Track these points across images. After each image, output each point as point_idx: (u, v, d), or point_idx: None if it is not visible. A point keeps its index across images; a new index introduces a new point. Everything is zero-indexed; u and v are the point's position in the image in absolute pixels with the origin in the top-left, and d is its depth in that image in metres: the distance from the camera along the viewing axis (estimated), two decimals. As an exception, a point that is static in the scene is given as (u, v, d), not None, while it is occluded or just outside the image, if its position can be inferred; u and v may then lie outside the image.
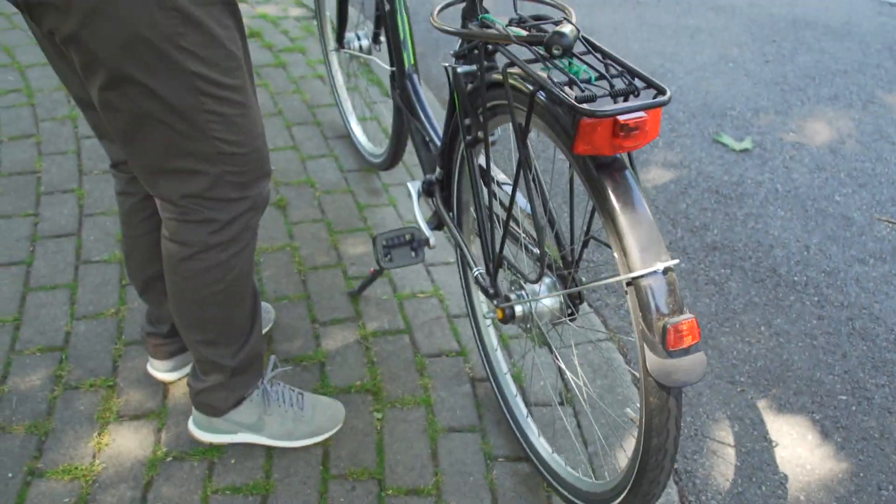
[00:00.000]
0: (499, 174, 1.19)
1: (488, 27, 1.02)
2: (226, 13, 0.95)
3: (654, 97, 0.81)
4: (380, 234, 1.43)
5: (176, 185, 1.05)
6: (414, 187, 1.44)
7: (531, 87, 0.89)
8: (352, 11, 2.81)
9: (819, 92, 2.90)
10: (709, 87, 2.90)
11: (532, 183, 0.91)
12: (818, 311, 1.87)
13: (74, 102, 1.00)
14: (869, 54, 3.21)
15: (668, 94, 0.80)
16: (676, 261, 0.80)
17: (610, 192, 0.81)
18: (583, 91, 0.82)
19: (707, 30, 3.41)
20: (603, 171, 0.82)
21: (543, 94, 0.89)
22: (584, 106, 0.78)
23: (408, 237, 1.40)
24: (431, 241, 1.39)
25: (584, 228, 0.93)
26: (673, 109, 2.74)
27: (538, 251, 0.95)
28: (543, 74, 0.88)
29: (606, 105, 0.81)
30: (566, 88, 0.84)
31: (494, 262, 1.12)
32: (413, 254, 1.40)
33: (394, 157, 1.98)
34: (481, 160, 1.15)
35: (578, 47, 0.91)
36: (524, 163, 0.89)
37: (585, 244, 0.94)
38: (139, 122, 0.97)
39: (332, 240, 1.92)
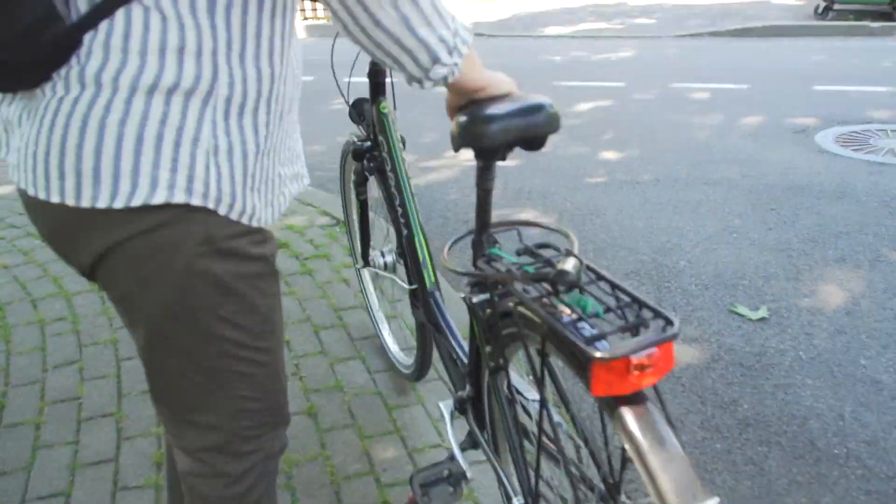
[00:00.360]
0: (531, 393, 1.19)
1: (495, 261, 1.10)
2: (269, 281, 0.99)
3: (663, 328, 0.83)
4: (416, 472, 1.41)
5: (195, 437, 1.07)
6: (447, 408, 1.43)
7: (544, 319, 0.91)
8: (383, 224, 2.98)
9: (825, 254, 2.99)
10: (717, 259, 3.00)
11: (560, 405, 0.91)
12: (865, 485, 1.81)
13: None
14: (867, 213, 3.34)
15: (677, 324, 0.82)
16: (717, 499, 0.78)
17: (634, 430, 0.80)
18: (592, 328, 0.86)
19: (707, 203, 3.58)
20: (624, 407, 0.81)
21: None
22: (596, 350, 0.80)
23: (445, 473, 1.38)
24: (469, 475, 1.37)
25: (621, 452, 0.91)
26: (685, 283, 2.82)
27: (577, 478, 0.93)
28: (555, 305, 0.93)
29: (617, 338, 0.84)
30: (575, 326, 0.86)
31: (533, 497, 1.09)
32: (451, 489, 1.37)
33: (421, 370, 2.03)
34: (514, 378, 1.15)
35: (585, 277, 0.96)
36: (545, 403, 0.92)
37: (624, 467, 0.93)
38: (167, 374, 1.01)
39: (363, 446, 1.93)
